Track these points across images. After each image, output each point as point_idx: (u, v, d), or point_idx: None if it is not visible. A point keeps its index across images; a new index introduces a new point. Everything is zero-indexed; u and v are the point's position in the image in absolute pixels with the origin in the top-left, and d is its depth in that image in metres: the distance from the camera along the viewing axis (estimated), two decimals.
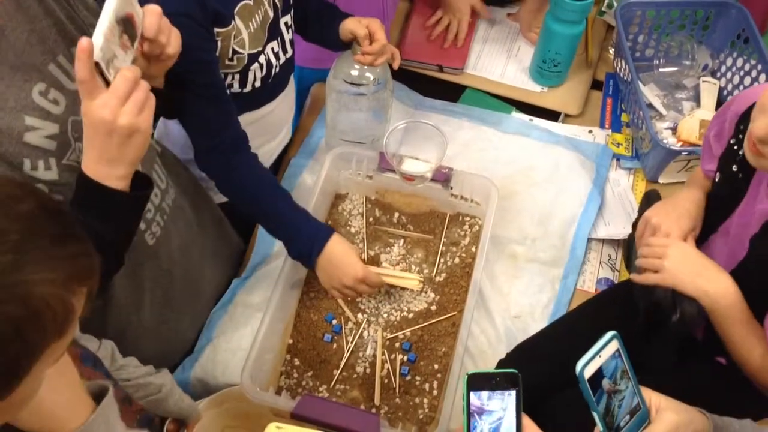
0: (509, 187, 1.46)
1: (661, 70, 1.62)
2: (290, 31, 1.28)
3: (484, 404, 0.75)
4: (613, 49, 1.69)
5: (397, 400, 1.20)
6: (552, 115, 1.61)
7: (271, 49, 1.23)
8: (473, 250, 1.34)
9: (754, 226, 0.99)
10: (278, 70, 1.27)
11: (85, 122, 0.78)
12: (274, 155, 1.48)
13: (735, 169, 1.03)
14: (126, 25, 0.80)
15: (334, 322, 1.27)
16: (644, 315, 1.11)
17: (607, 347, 0.76)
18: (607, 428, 0.76)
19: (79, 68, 0.74)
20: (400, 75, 1.53)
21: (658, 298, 1.06)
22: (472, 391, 0.75)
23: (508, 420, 0.75)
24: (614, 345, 0.76)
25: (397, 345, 1.25)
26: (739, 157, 1.01)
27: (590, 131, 1.58)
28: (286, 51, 1.28)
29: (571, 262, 1.38)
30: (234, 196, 1.21)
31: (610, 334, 0.76)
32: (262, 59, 1.21)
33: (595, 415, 0.75)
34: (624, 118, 1.61)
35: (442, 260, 1.34)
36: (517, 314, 1.32)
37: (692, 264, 1.03)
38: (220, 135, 1.13)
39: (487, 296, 1.33)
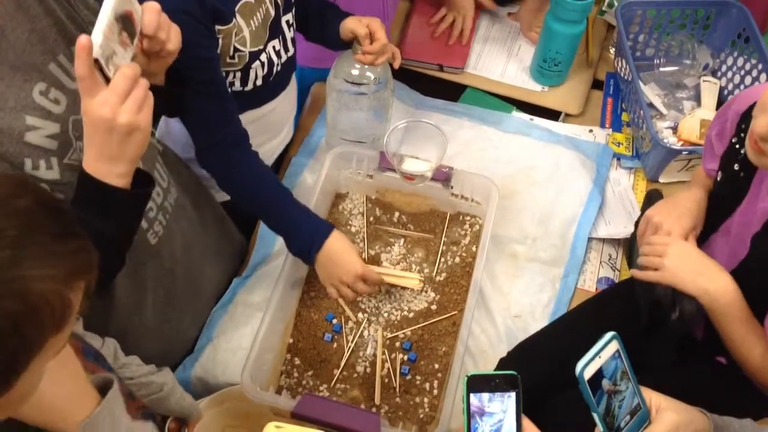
0: (510, 186, 1.46)
1: (662, 70, 1.62)
2: (292, 30, 1.28)
3: (484, 406, 0.74)
4: (614, 49, 1.69)
5: (398, 399, 1.20)
6: (552, 115, 1.61)
7: (273, 48, 1.23)
8: (474, 249, 1.34)
9: (755, 225, 0.99)
10: (280, 68, 1.27)
11: (85, 120, 0.78)
12: (275, 154, 1.48)
13: (737, 167, 1.03)
14: (125, 22, 0.80)
15: (335, 321, 1.27)
16: (645, 313, 1.11)
17: (607, 348, 0.76)
18: (608, 429, 0.76)
19: (79, 65, 0.74)
20: (401, 74, 1.52)
21: (658, 296, 1.06)
22: (471, 393, 0.74)
23: (509, 422, 0.75)
24: (614, 346, 0.76)
25: (398, 344, 1.25)
26: (740, 156, 1.02)
27: (591, 131, 1.58)
28: (287, 49, 1.28)
29: (572, 262, 1.38)
30: (235, 193, 1.21)
31: (610, 334, 0.76)
32: (264, 57, 1.21)
33: (596, 416, 0.75)
34: (624, 117, 1.61)
35: (443, 260, 1.34)
36: (517, 313, 1.32)
37: (692, 263, 1.03)
38: (220, 132, 1.13)
39: (488, 295, 1.33)
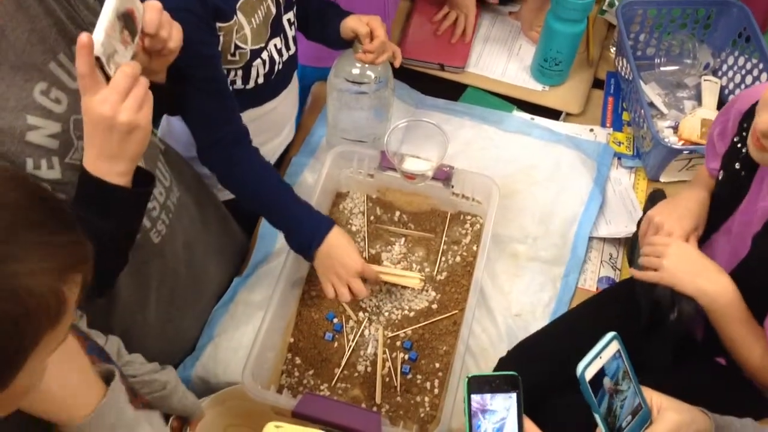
0: (510, 185, 1.46)
1: (663, 69, 1.62)
2: (293, 28, 1.28)
3: (486, 403, 0.74)
4: (615, 48, 1.69)
5: (399, 398, 1.20)
6: (553, 114, 1.61)
7: (274, 46, 1.23)
8: (474, 248, 1.34)
9: (756, 224, 0.99)
10: (281, 66, 1.27)
11: (85, 119, 0.78)
12: (277, 153, 1.48)
13: (738, 166, 1.03)
14: (127, 20, 0.80)
15: (335, 320, 1.27)
16: (645, 313, 1.11)
17: (608, 348, 0.76)
18: (610, 429, 0.76)
19: (80, 63, 0.74)
20: (402, 74, 1.52)
21: (657, 297, 1.07)
22: (472, 394, 0.75)
23: (511, 420, 0.75)
24: (615, 346, 0.76)
25: (398, 343, 1.25)
26: (742, 155, 1.02)
27: (591, 130, 1.58)
28: (289, 48, 1.28)
29: (573, 261, 1.38)
30: (236, 190, 1.21)
31: (611, 335, 0.76)
32: (265, 55, 1.21)
33: (598, 417, 0.75)
34: (625, 116, 1.61)
35: (443, 259, 1.34)
36: (518, 313, 1.32)
37: (691, 264, 1.03)
38: (222, 130, 1.13)
39: (489, 295, 1.33)
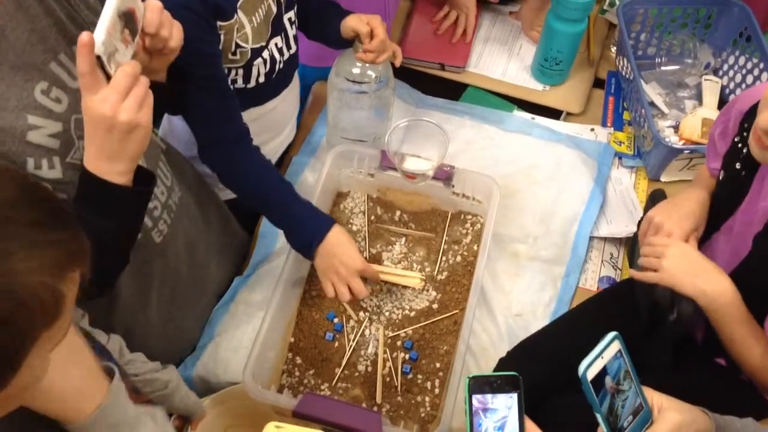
0: (511, 185, 1.46)
1: (663, 69, 1.62)
2: (294, 27, 1.28)
3: (487, 402, 0.74)
4: (615, 48, 1.69)
5: (399, 398, 1.20)
6: (554, 114, 1.61)
7: (275, 45, 1.23)
8: (475, 248, 1.34)
9: (757, 224, 0.99)
10: (282, 65, 1.27)
11: (86, 118, 0.78)
12: (278, 152, 1.48)
13: (738, 166, 1.03)
14: (128, 19, 0.80)
15: (336, 320, 1.27)
16: (645, 314, 1.11)
17: (609, 348, 0.76)
18: (611, 429, 0.76)
19: (81, 62, 0.74)
20: (402, 73, 1.52)
21: (657, 297, 1.07)
22: (473, 395, 0.75)
23: (512, 419, 0.75)
24: (616, 346, 0.76)
25: (399, 343, 1.25)
26: (743, 155, 1.02)
27: (592, 129, 1.58)
28: (290, 47, 1.28)
29: (573, 261, 1.38)
30: (237, 189, 1.21)
31: (612, 334, 0.76)
32: (266, 54, 1.21)
33: (599, 417, 0.75)
34: (626, 116, 1.61)
35: (444, 258, 1.34)
36: (518, 312, 1.32)
37: (691, 264, 1.03)
38: (222, 129, 1.13)
39: (489, 294, 1.33)
